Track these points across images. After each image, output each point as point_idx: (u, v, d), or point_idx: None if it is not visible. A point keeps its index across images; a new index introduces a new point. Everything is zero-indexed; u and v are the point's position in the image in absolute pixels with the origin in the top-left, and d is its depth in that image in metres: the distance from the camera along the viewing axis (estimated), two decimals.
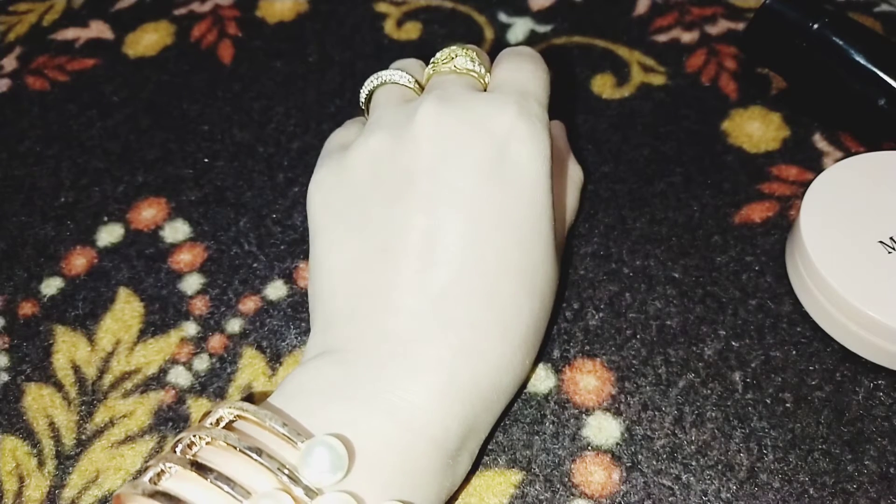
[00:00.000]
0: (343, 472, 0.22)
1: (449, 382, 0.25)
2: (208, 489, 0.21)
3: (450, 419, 0.24)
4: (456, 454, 0.25)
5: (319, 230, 0.28)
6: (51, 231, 0.36)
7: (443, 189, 0.26)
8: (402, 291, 0.25)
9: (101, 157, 0.39)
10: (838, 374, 0.30)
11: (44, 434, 0.30)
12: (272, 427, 0.22)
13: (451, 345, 0.25)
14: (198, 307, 0.33)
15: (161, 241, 0.36)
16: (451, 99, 0.28)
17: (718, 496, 0.27)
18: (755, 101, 0.38)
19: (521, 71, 0.30)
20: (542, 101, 0.29)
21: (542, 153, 0.27)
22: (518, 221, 0.26)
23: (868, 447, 0.28)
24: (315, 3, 0.45)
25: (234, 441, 0.22)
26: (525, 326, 0.26)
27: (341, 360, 0.25)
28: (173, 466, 0.22)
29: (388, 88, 0.31)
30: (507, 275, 0.26)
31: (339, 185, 0.28)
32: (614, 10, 0.43)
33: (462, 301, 0.25)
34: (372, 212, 0.27)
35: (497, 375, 0.26)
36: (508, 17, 0.43)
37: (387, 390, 0.24)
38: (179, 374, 0.32)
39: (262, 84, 0.41)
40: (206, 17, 0.45)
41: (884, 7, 0.42)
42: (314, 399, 0.24)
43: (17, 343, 0.33)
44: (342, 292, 0.26)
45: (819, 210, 0.31)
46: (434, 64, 0.31)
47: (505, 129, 0.27)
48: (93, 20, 0.45)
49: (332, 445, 0.21)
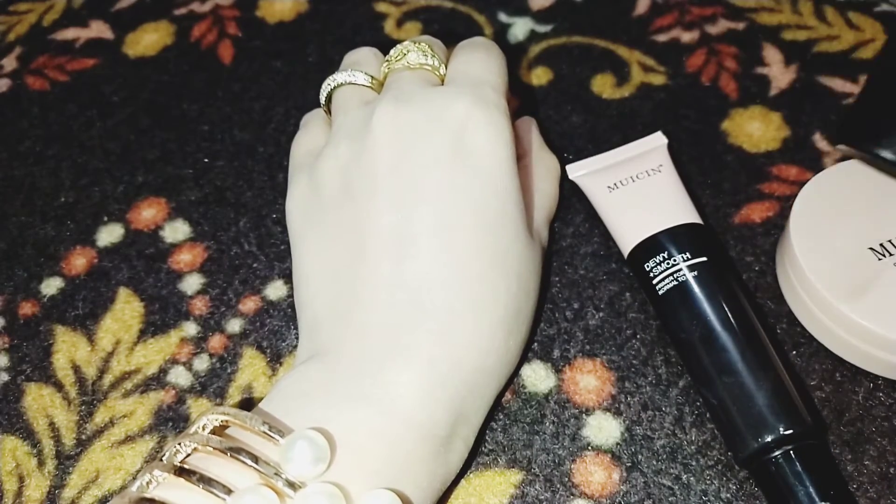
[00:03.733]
0: (325, 464, 0.22)
1: (430, 369, 0.25)
2: (193, 492, 0.21)
3: (434, 405, 0.25)
4: (447, 441, 0.25)
5: (298, 241, 0.29)
6: (51, 231, 0.36)
7: (406, 185, 0.27)
8: (376, 288, 0.26)
9: (101, 157, 0.39)
10: (838, 374, 0.30)
11: (44, 434, 0.30)
12: (253, 427, 0.22)
13: (429, 332, 0.25)
14: (198, 307, 0.33)
15: (161, 241, 0.36)
16: (405, 97, 0.28)
17: (718, 496, 0.27)
18: (755, 101, 0.38)
19: (473, 61, 0.30)
20: (497, 87, 0.29)
21: (501, 138, 0.28)
22: (483, 205, 0.27)
23: (868, 447, 0.28)
24: (315, 3, 0.45)
25: (217, 444, 0.22)
26: (502, 306, 0.27)
27: (324, 361, 0.26)
28: (160, 474, 0.22)
29: (346, 90, 0.31)
30: (478, 258, 0.26)
31: (313, 197, 0.29)
32: (614, 10, 0.43)
33: (436, 289, 0.26)
34: (344, 217, 0.28)
35: (479, 357, 0.26)
36: (508, 17, 0.43)
37: (369, 384, 0.25)
38: (179, 375, 0.32)
39: (262, 84, 0.41)
40: (206, 17, 0.45)
41: (884, 7, 0.42)
42: (297, 401, 0.24)
43: (17, 343, 0.33)
44: (321, 297, 0.27)
45: (810, 214, 0.31)
46: (388, 62, 0.31)
47: (461, 119, 0.27)
48: (93, 20, 0.45)
49: (312, 438, 0.22)
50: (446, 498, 0.28)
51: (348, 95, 0.31)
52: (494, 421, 0.29)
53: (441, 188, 0.27)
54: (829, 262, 0.29)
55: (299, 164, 0.31)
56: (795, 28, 0.41)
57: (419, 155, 0.27)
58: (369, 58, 0.32)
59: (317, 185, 0.29)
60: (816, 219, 0.31)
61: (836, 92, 0.38)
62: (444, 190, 0.27)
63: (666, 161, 0.34)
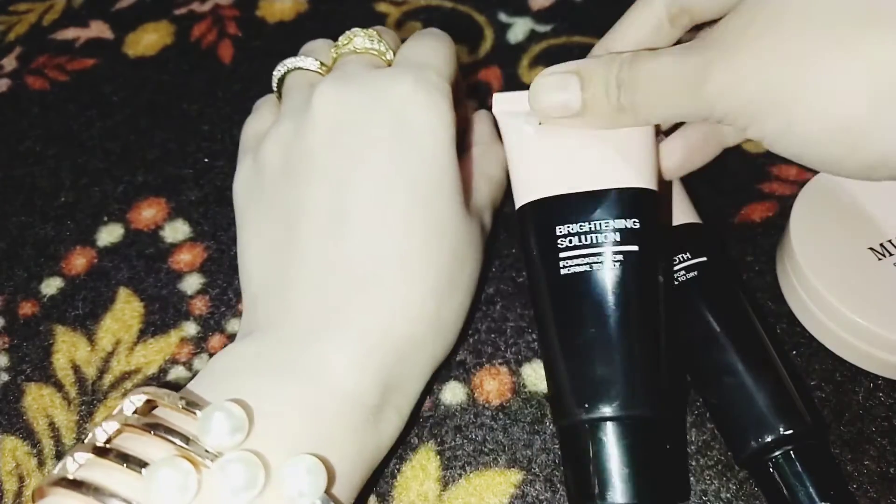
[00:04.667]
0: (243, 434, 0.22)
1: (358, 339, 0.25)
2: (112, 469, 0.21)
3: (361, 374, 0.25)
4: (377, 410, 0.25)
5: (240, 220, 0.30)
6: (51, 231, 0.36)
7: (342, 160, 0.27)
8: (308, 264, 0.26)
9: (101, 157, 0.39)
10: (838, 374, 0.30)
11: (44, 434, 0.30)
12: (172, 403, 0.23)
13: (359, 305, 0.26)
14: (198, 307, 0.33)
15: (161, 241, 0.36)
16: (348, 76, 0.29)
17: (718, 496, 0.27)
18: None
19: (420, 46, 0.30)
20: (441, 72, 0.29)
21: (441, 118, 0.28)
22: (419, 181, 0.27)
23: (868, 447, 0.28)
24: (315, 3, 0.45)
25: (134, 421, 0.22)
26: (433, 277, 0.27)
27: (255, 337, 0.26)
28: (82, 455, 0.22)
29: (296, 75, 0.32)
30: (410, 231, 0.27)
31: (256, 177, 0.29)
32: (614, 10, 0.43)
33: (366, 264, 0.26)
34: (281, 195, 0.28)
35: (408, 326, 0.26)
36: (508, 17, 0.43)
37: (293, 357, 0.25)
38: (180, 375, 0.32)
39: (262, 84, 0.41)
40: (206, 17, 0.45)
41: None
42: (224, 377, 0.25)
43: (17, 343, 0.33)
44: (257, 275, 0.28)
45: (810, 214, 0.31)
46: (336, 47, 0.32)
47: (402, 98, 0.28)
48: (93, 20, 0.45)
49: (228, 409, 0.22)
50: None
51: (297, 79, 0.31)
52: (495, 421, 0.30)
53: (378, 165, 0.27)
54: (829, 262, 0.29)
55: (246, 147, 0.31)
56: None
57: (357, 132, 0.27)
58: (323, 47, 0.33)
59: (260, 165, 0.29)
60: (816, 219, 0.31)
61: None
62: (381, 166, 0.27)
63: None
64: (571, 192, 0.27)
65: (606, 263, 0.26)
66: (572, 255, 0.27)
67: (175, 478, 0.21)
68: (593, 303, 0.26)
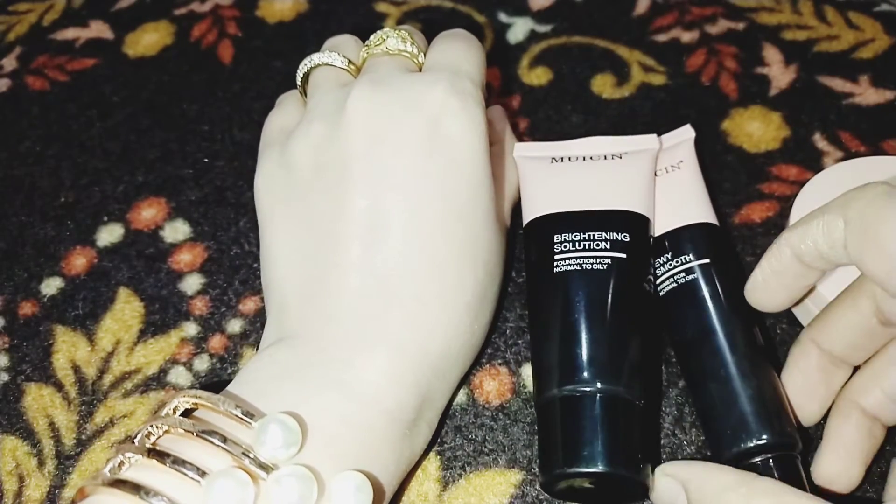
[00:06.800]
0: (297, 447, 0.22)
1: (398, 355, 0.25)
2: (166, 474, 0.21)
3: (402, 390, 0.25)
4: (413, 424, 0.26)
5: (267, 221, 0.29)
6: (51, 231, 0.36)
7: (378, 170, 0.27)
8: (346, 273, 0.26)
9: (101, 157, 0.39)
10: None
11: (44, 434, 0.30)
12: (226, 410, 0.22)
13: (397, 318, 0.26)
14: (198, 307, 0.33)
15: (161, 241, 0.36)
16: (382, 81, 0.28)
17: None
18: (755, 101, 0.38)
19: (452, 50, 0.30)
20: (474, 78, 0.29)
21: (476, 127, 0.28)
22: (455, 194, 0.27)
23: None
24: (315, 3, 0.45)
25: (189, 426, 0.22)
26: (469, 293, 0.27)
27: (293, 344, 0.26)
28: (133, 456, 0.22)
29: (323, 71, 0.31)
30: (448, 246, 0.26)
31: (283, 176, 0.29)
32: (614, 10, 0.43)
33: (405, 276, 0.26)
34: (314, 199, 0.27)
35: (445, 343, 0.26)
36: (508, 17, 0.43)
37: (338, 369, 0.25)
38: (180, 375, 0.32)
39: (262, 84, 0.41)
40: (206, 17, 0.45)
41: (884, 7, 0.42)
42: (268, 384, 0.25)
43: (17, 343, 0.33)
44: (291, 280, 0.27)
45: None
46: (367, 46, 0.31)
47: (437, 106, 0.27)
48: (93, 20, 0.45)
49: (284, 422, 0.22)
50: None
51: (325, 76, 0.31)
52: (495, 421, 0.30)
53: (413, 174, 0.27)
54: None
55: (271, 141, 0.30)
56: (795, 28, 0.41)
57: (393, 139, 0.27)
58: (349, 43, 0.32)
59: (288, 164, 0.28)
60: None
61: (836, 92, 0.38)
62: (417, 176, 0.27)
63: (689, 157, 0.33)
64: (573, 210, 0.30)
65: (595, 264, 0.29)
66: (566, 256, 0.29)
67: (234, 489, 0.21)
68: (579, 294, 0.28)
